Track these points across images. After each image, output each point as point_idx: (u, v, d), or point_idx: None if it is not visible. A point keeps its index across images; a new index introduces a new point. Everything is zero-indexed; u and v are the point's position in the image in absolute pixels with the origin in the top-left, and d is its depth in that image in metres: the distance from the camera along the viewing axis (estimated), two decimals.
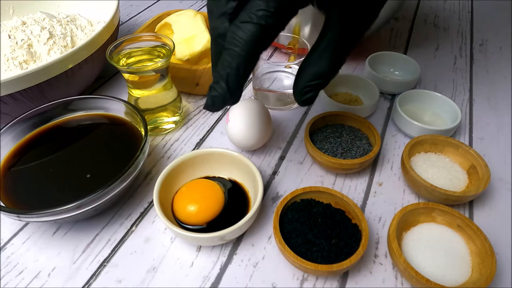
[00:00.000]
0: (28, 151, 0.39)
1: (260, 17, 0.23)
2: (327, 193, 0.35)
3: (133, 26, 0.70)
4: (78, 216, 0.33)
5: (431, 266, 0.31)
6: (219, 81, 0.25)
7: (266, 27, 0.23)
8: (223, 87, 0.25)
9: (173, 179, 0.37)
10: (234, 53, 0.24)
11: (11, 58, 0.47)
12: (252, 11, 0.23)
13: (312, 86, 0.28)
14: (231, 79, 0.25)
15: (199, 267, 0.33)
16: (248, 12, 0.23)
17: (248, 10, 0.23)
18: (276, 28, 0.24)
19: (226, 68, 0.25)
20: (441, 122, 0.45)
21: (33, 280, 0.33)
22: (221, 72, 0.25)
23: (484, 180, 0.36)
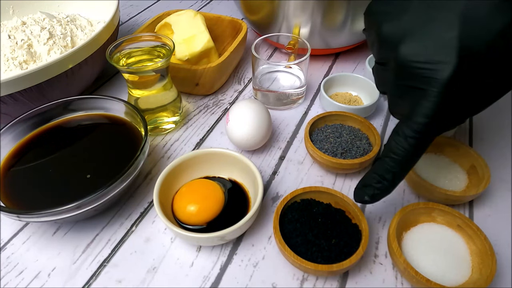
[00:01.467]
0: (28, 151, 0.39)
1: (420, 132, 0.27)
2: (327, 193, 0.35)
3: (133, 26, 0.70)
4: (78, 216, 0.33)
5: (431, 266, 0.31)
6: (382, 181, 0.29)
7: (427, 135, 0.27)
8: (386, 185, 0.29)
9: (173, 179, 0.37)
10: (397, 160, 0.28)
11: (11, 58, 0.47)
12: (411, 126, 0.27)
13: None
14: (396, 179, 0.29)
15: (199, 267, 0.33)
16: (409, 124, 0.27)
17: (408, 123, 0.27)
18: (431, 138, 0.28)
19: (388, 172, 0.29)
20: None
21: (33, 280, 0.33)
22: (385, 175, 0.29)
23: (484, 180, 0.36)
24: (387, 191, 0.30)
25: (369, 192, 0.30)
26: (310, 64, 0.58)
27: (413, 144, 0.28)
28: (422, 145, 0.28)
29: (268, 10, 0.52)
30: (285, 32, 0.54)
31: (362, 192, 0.30)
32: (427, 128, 0.27)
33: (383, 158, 0.29)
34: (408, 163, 0.29)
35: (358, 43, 0.57)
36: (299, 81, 0.50)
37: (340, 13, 0.49)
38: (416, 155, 0.28)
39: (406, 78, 0.28)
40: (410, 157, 0.28)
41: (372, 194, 0.30)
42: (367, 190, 0.30)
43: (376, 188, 0.30)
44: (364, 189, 0.30)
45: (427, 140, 0.28)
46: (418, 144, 0.28)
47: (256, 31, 0.61)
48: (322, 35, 0.53)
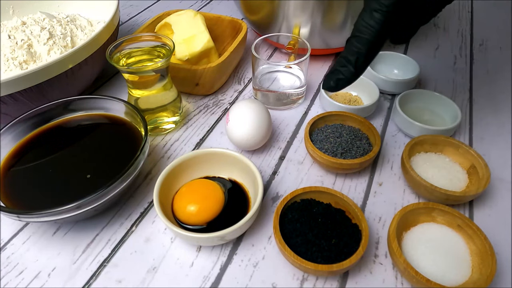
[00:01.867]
0: (28, 151, 0.39)
1: (388, 5, 0.26)
2: (327, 193, 0.35)
3: (133, 26, 0.70)
4: (78, 216, 0.33)
5: (431, 266, 0.31)
6: (347, 65, 0.29)
7: (392, 14, 0.27)
8: (351, 70, 0.29)
9: (173, 179, 0.37)
10: (363, 40, 0.28)
11: (11, 58, 0.47)
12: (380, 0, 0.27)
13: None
14: (360, 62, 0.29)
15: (199, 267, 0.33)
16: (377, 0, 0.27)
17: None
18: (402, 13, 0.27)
19: (354, 54, 0.28)
20: (441, 122, 0.45)
21: (33, 280, 0.33)
22: (349, 57, 0.29)
23: (484, 180, 0.36)
24: (352, 76, 0.29)
25: (334, 77, 0.30)
26: (310, 64, 0.58)
27: (379, 19, 0.27)
28: (389, 22, 0.27)
29: (268, 10, 0.52)
30: (285, 32, 0.54)
31: (328, 79, 0.30)
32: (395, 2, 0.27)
33: (349, 39, 0.29)
34: (374, 44, 0.28)
35: None
36: (299, 81, 0.50)
37: (340, 13, 0.49)
38: (382, 34, 0.28)
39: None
40: (376, 36, 0.28)
41: (337, 79, 0.30)
42: (332, 76, 0.30)
43: (341, 73, 0.30)
44: (330, 75, 0.30)
45: (394, 18, 0.27)
46: (385, 21, 0.27)
47: (256, 31, 0.61)
48: (322, 35, 0.53)
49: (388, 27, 0.28)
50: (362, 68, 0.30)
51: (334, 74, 0.30)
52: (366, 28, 0.28)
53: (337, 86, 0.31)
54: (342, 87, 0.31)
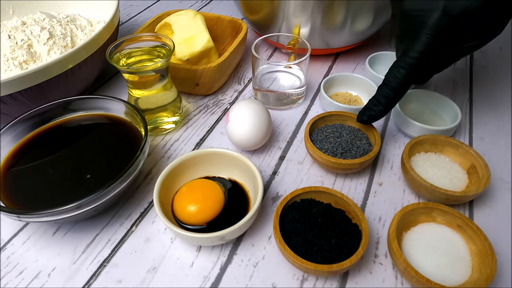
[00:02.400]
0: (28, 151, 0.39)
1: (411, 64, 0.36)
2: (327, 193, 0.35)
3: (133, 26, 0.70)
4: (78, 216, 0.33)
5: (431, 266, 0.31)
6: (378, 105, 0.38)
7: (413, 70, 0.36)
8: (380, 109, 0.38)
9: (173, 179, 0.37)
10: (391, 87, 0.37)
11: (11, 58, 0.47)
12: (405, 60, 0.37)
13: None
14: (388, 104, 0.38)
15: (199, 267, 0.33)
16: (404, 58, 0.37)
17: (403, 57, 0.37)
18: (421, 69, 0.37)
19: (384, 97, 0.38)
20: (441, 122, 0.45)
21: (33, 280, 0.33)
22: (380, 99, 0.38)
23: (484, 180, 0.36)
24: (381, 113, 0.38)
25: (367, 113, 0.39)
26: (310, 64, 0.58)
27: (404, 74, 0.36)
28: (411, 75, 0.37)
29: (268, 10, 0.52)
30: (285, 32, 0.54)
31: (362, 113, 0.40)
32: (417, 62, 0.36)
33: (380, 86, 0.38)
34: (399, 91, 0.37)
35: (358, 43, 0.57)
36: (299, 81, 0.50)
37: (340, 13, 0.49)
38: (406, 83, 0.37)
39: (406, 23, 0.37)
40: (401, 85, 0.37)
41: (369, 115, 0.39)
42: (366, 112, 0.39)
43: (373, 110, 0.39)
44: (364, 111, 0.40)
45: (415, 72, 0.37)
46: (408, 74, 0.36)
47: (256, 31, 0.61)
48: (322, 35, 0.53)
49: (410, 79, 0.37)
50: (389, 108, 0.38)
51: (368, 111, 0.39)
52: (393, 79, 0.37)
53: (369, 120, 0.40)
54: (373, 121, 0.40)
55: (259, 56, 0.46)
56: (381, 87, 0.38)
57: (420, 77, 0.44)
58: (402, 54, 0.37)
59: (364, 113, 0.39)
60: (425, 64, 0.37)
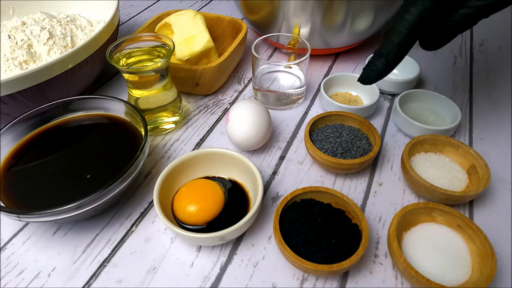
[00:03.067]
0: (28, 151, 0.39)
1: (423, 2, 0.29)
2: (327, 193, 0.35)
3: (133, 26, 0.70)
4: (78, 216, 0.33)
5: (431, 266, 0.31)
6: (380, 57, 0.31)
7: (427, 10, 0.29)
8: (382, 62, 0.31)
9: (173, 179, 0.37)
10: (397, 32, 0.30)
11: (11, 58, 0.47)
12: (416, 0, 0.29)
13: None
14: (392, 54, 0.31)
15: (199, 267, 0.33)
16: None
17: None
18: (435, 12, 0.30)
19: (388, 45, 0.31)
20: (441, 122, 0.45)
21: (33, 280, 0.33)
22: (382, 49, 0.31)
23: (484, 180, 0.36)
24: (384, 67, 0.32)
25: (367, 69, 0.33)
26: (310, 64, 0.58)
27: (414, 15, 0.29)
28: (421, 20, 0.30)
29: (268, 10, 0.52)
30: (285, 32, 0.54)
31: (363, 70, 0.33)
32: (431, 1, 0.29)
33: (385, 35, 0.32)
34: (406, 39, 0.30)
35: (358, 43, 0.57)
36: (299, 81, 0.50)
37: (340, 13, 0.49)
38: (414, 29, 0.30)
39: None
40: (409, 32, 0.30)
41: (370, 70, 0.33)
42: (367, 68, 0.33)
43: (374, 64, 0.32)
44: (365, 67, 0.33)
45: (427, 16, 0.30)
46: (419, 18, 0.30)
47: (256, 31, 0.61)
48: (322, 35, 0.53)
49: (420, 24, 0.30)
50: (394, 62, 0.31)
51: (369, 66, 0.33)
52: (400, 23, 0.30)
53: (370, 77, 0.33)
54: (375, 80, 0.33)
55: (259, 56, 0.46)
56: (386, 34, 0.32)
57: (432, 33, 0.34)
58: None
59: (365, 70, 0.33)
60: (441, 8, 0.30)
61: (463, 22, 0.32)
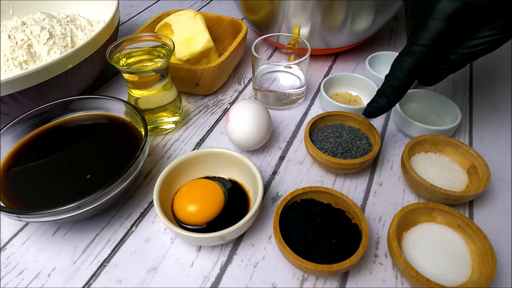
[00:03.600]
0: (28, 151, 0.39)
1: (418, 52, 0.34)
2: (327, 193, 0.35)
3: (133, 26, 0.70)
4: (78, 216, 0.33)
5: (431, 266, 0.31)
6: (382, 96, 0.36)
7: (420, 60, 0.34)
8: (384, 100, 0.36)
9: (173, 179, 0.37)
10: (396, 77, 0.35)
11: (11, 58, 0.47)
12: (412, 48, 0.34)
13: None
14: (392, 94, 0.36)
15: (199, 267, 0.33)
16: (411, 47, 0.34)
17: (410, 46, 0.34)
18: (428, 59, 0.34)
19: (388, 87, 0.36)
20: (441, 122, 0.45)
21: (33, 280, 0.33)
22: (384, 89, 0.36)
23: (484, 180, 0.36)
24: (386, 105, 0.36)
25: (372, 105, 0.37)
26: (310, 64, 0.58)
27: (411, 63, 0.34)
28: (418, 66, 0.34)
29: (268, 10, 0.52)
30: (285, 32, 0.54)
31: (368, 106, 0.38)
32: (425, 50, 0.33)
33: (386, 76, 0.36)
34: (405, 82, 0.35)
35: (358, 43, 0.57)
36: (299, 81, 0.50)
37: (340, 13, 0.49)
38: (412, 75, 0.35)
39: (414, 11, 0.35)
40: (407, 76, 0.35)
41: (374, 106, 0.37)
42: (371, 104, 0.37)
43: (377, 101, 0.37)
44: (370, 103, 0.38)
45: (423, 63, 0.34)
46: (415, 65, 0.34)
47: (256, 31, 0.61)
48: (322, 35, 0.53)
49: (416, 70, 0.34)
50: (395, 100, 0.36)
51: (373, 103, 0.37)
52: (399, 69, 0.35)
53: (373, 112, 0.38)
54: (378, 114, 0.38)
55: (259, 56, 0.46)
56: (387, 78, 0.36)
57: (429, 73, 0.39)
58: (410, 42, 0.35)
59: (370, 105, 0.38)
60: (434, 56, 0.34)
61: (453, 66, 0.37)
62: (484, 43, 0.34)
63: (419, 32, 0.34)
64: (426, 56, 0.34)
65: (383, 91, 0.36)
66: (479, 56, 0.35)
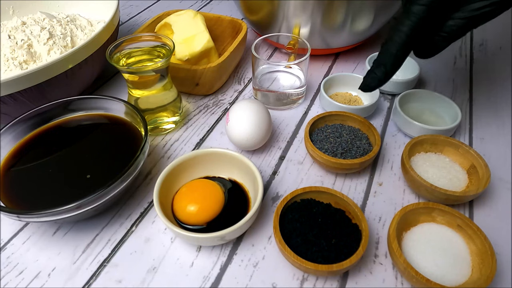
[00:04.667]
0: (28, 151, 0.39)
1: (417, 12, 0.31)
2: (327, 193, 0.35)
3: (133, 26, 0.70)
4: (78, 216, 0.33)
5: (431, 266, 0.31)
6: (379, 66, 0.33)
7: (419, 22, 0.31)
8: (381, 70, 0.33)
9: (173, 179, 0.37)
10: (393, 42, 0.32)
11: (11, 58, 0.47)
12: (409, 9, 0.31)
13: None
14: (389, 63, 0.33)
15: (199, 267, 0.33)
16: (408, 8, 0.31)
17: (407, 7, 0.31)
18: (427, 23, 0.31)
19: (386, 54, 0.33)
20: (441, 122, 0.45)
21: (33, 280, 0.33)
22: (380, 58, 0.33)
23: (484, 180, 0.36)
24: (383, 75, 0.34)
25: (368, 77, 0.35)
26: (310, 64, 0.58)
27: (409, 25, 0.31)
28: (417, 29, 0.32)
29: (268, 10, 0.52)
30: (285, 32, 0.54)
31: (364, 78, 0.35)
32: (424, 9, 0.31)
33: (383, 44, 0.34)
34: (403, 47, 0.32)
35: (358, 43, 0.57)
36: (299, 81, 0.50)
37: (340, 13, 0.49)
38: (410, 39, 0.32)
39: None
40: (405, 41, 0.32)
41: (371, 77, 0.34)
42: (367, 76, 0.35)
43: (374, 73, 0.34)
44: (366, 75, 0.35)
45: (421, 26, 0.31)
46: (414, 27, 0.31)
47: (256, 31, 0.61)
48: (322, 35, 0.53)
49: (414, 35, 0.32)
50: (391, 68, 0.33)
51: (370, 74, 0.35)
52: (396, 32, 0.32)
53: (370, 84, 0.35)
54: (375, 87, 0.35)
55: (259, 56, 0.46)
56: (383, 45, 0.34)
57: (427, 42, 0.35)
58: (406, 3, 0.32)
59: (366, 77, 0.35)
60: (433, 18, 0.32)
61: (453, 32, 0.34)
62: (484, 6, 0.31)
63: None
64: (425, 16, 0.31)
65: (380, 59, 0.34)
66: (479, 22, 0.33)
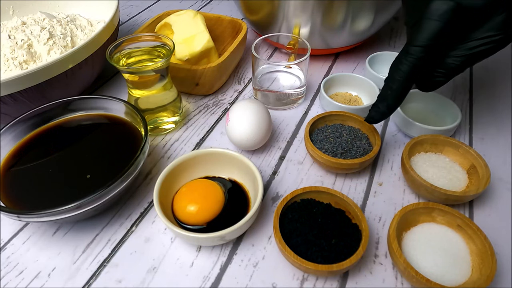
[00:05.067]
0: (28, 151, 0.39)
1: (414, 53, 0.33)
2: (327, 193, 0.35)
3: (133, 26, 0.70)
4: (78, 216, 0.33)
5: (431, 266, 0.31)
6: (382, 101, 0.36)
7: (417, 62, 0.33)
8: (384, 105, 0.36)
9: (173, 179, 0.37)
10: (394, 80, 0.35)
11: (11, 58, 0.47)
12: (408, 50, 0.34)
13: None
14: (391, 99, 0.35)
15: (199, 267, 0.33)
16: (407, 49, 0.34)
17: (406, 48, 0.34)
18: (426, 60, 0.33)
19: (387, 91, 0.35)
20: (441, 122, 0.45)
21: (33, 280, 0.33)
22: (383, 94, 0.36)
23: (484, 180, 0.36)
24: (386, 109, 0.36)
25: (373, 110, 0.37)
26: (310, 64, 0.58)
27: (408, 66, 0.34)
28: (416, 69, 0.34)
29: (268, 10, 0.52)
30: (285, 32, 0.54)
31: (370, 111, 0.38)
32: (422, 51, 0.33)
33: (385, 80, 0.36)
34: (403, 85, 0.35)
35: (358, 43, 0.57)
36: (299, 81, 0.50)
37: (340, 13, 0.49)
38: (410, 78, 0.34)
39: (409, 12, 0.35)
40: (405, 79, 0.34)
41: (375, 111, 0.37)
42: (372, 109, 0.37)
43: (378, 107, 0.37)
44: (371, 109, 0.37)
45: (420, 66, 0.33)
46: (413, 68, 0.34)
47: (256, 31, 0.61)
48: (322, 35, 0.53)
49: (413, 73, 0.34)
50: (393, 103, 0.36)
51: (374, 108, 0.37)
52: (396, 73, 0.35)
53: (375, 117, 0.37)
54: (379, 119, 0.37)
55: (259, 56, 0.46)
56: (386, 81, 0.36)
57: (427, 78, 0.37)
58: (406, 45, 0.34)
59: (371, 111, 0.38)
60: (431, 57, 0.33)
61: (451, 70, 0.35)
62: (481, 45, 0.33)
63: (415, 34, 0.33)
64: (423, 56, 0.33)
65: (383, 95, 0.36)
66: (478, 59, 0.34)
